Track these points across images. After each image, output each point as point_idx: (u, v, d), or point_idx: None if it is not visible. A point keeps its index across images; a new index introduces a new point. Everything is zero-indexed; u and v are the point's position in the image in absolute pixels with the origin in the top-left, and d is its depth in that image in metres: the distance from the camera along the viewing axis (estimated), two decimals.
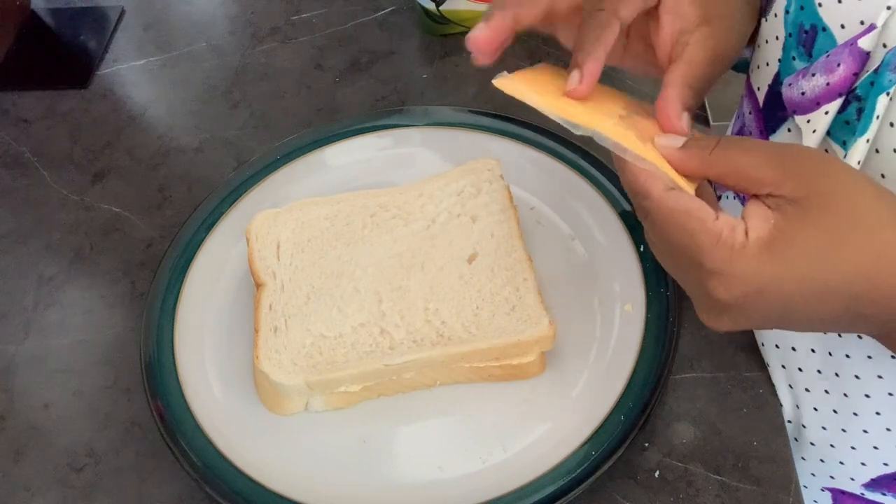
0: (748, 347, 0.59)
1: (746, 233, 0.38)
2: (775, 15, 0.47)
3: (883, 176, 0.43)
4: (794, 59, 0.46)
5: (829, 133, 0.45)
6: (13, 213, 0.74)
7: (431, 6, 0.82)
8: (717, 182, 0.41)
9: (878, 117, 0.41)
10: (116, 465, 0.58)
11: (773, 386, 0.58)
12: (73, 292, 0.68)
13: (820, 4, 0.43)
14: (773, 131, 0.51)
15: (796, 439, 0.59)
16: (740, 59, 0.62)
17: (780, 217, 0.38)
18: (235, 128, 0.79)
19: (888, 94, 0.40)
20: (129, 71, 0.85)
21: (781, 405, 0.58)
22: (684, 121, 0.44)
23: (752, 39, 0.55)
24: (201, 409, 0.57)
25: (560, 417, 0.55)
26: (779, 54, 0.48)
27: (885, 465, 0.55)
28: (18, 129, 0.81)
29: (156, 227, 0.71)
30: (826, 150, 0.46)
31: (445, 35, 0.85)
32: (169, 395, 0.57)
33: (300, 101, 0.81)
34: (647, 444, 0.56)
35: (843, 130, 0.44)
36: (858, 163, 0.42)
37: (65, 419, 0.61)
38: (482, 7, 0.82)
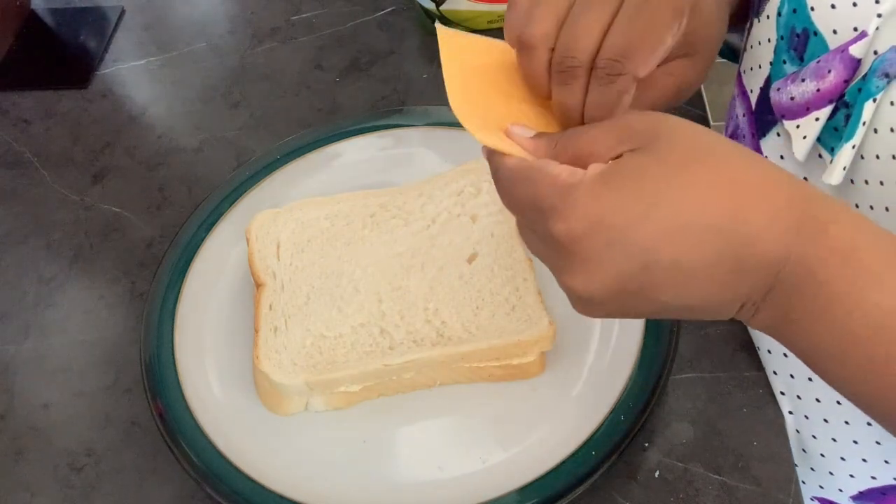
0: (748, 347, 0.59)
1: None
2: (768, 17, 0.47)
3: (866, 182, 0.43)
4: (784, 62, 0.46)
5: (818, 139, 0.45)
6: (13, 213, 0.74)
7: (431, 6, 0.82)
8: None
9: (864, 123, 0.41)
10: (116, 465, 0.58)
11: (773, 385, 0.58)
12: (73, 292, 0.68)
13: (812, 9, 0.43)
14: (764, 135, 0.51)
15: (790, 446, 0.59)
16: (725, 46, 0.62)
17: (620, 159, 0.36)
18: (235, 128, 0.79)
19: (875, 100, 0.40)
20: (129, 71, 0.85)
21: (790, 412, 0.57)
22: None
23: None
24: (201, 409, 0.57)
25: (560, 417, 0.55)
26: (770, 57, 0.48)
27: (873, 478, 0.55)
28: (18, 129, 0.81)
29: (156, 227, 0.71)
30: (819, 157, 0.46)
31: None
32: (169, 395, 0.57)
33: (300, 101, 0.81)
34: (647, 444, 0.56)
35: (832, 137, 0.44)
36: (844, 168, 0.42)
37: (65, 419, 0.61)
38: (482, 7, 0.82)
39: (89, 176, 0.76)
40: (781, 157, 0.50)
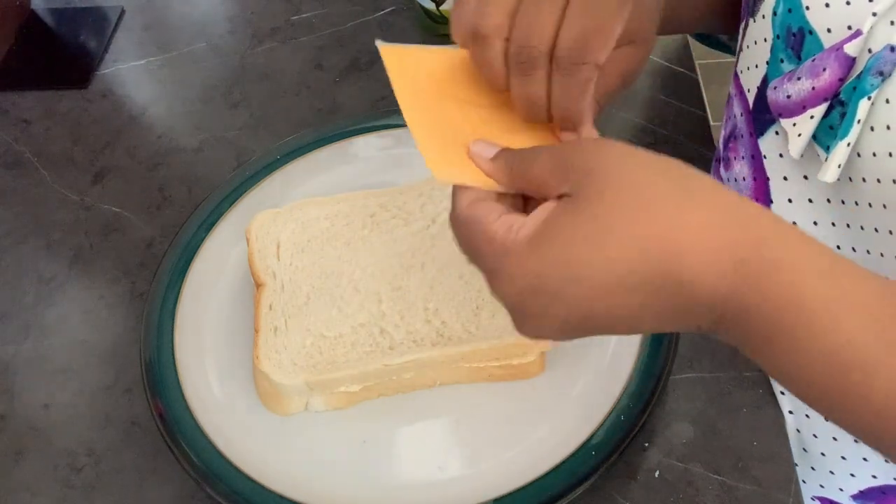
0: None
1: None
2: (763, 16, 0.47)
3: (864, 180, 0.43)
4: (781, 61, 0.46)
5: (814, 138, 0.45)
6: (13, 213, 0.74)
7: (431, 6, 0.82)
8: (527, 194, 0.40)
9: (859, 121, 0.41)
10: (116, 465, 0.58)
11: (773, 386, 0.58)
12: (73, 292, 0.68)
13: (807, 8, 0.43)
14: (762, 134, 0.51)
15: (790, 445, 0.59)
16: (714, 38, 0.62)
17: (551, 214, 0.36)
18: (235, 128, 0.79)
19: (870, 98, 0.40)
20: (129, 71, 0.85)
21: (790, 412, 0.58)
22: (594, 134, 0.42)
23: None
24: (201, 409, 0.57)
25: (560, 417, 0.55)
26: (767, 56, 0.48)
27: (874, 477, 0.55)
28: (18, 129, 0.81)
29: (156, 227, 0.71)
30: (817, 156, 0.46)
31: (445, 35, 0.85)
32: (169, 395, 0.57)
33: (300, 101, 0.81)
34: (647, 444, 0.56)
35: (827, 135, 0.44)
36: (839, 166, 0.42)
37: (65, 419, 0.61)
38: None
39: (89, 176, 0.76)
40: (780, 155, 0.50)
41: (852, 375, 0.33)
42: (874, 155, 0.42)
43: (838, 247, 0.48)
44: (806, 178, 0.49)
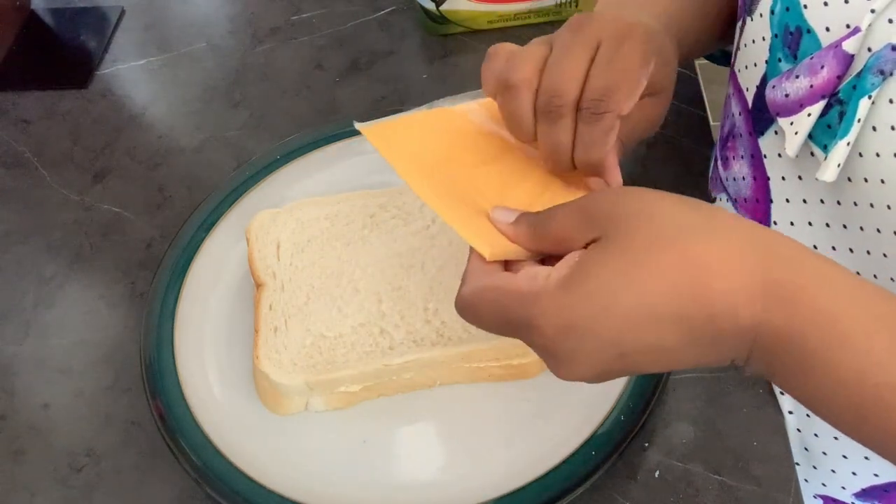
0: None
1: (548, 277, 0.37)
2: (760, 15, 0.47)
3: (866, 180, 0.43)
4: (780, 60, 0.46)
5: (811, 137, 0.45)
6: (13, 213, 0.74)
7: (431, 6, 0.82)
8: (551, 252, 0.40)
9: (859, 121, 0.41)
10: (116, 465, 0.58)
11: (773, 385, 0.58)
12: (73, 292, 0.68)
13: (805, 6, 0.43)
14: (762, 133, 0.51)
15: (791, 445, 0.59)
16: (719, 51, 0.62)
17: (582, 256, 0.37)
18: (235, 128, 0.79)
19: (870, 97, 0.40)
20: (129, 71, 0.85)
21: (790, 412, 0.57)
22: (618, 176, 0.45)
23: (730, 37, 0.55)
24: (201, 409, 0.57)
25: (560, 417, 0.55)
26: (765, 55, 0.48)
27: (876, 475, 0.55)
28: (18, 129, 0.81)
29: (156, 227, 0.71)
30: (812, 155, 0.46)
31: (445, 35, 0.85)
32: (169, 395, 0.57)
33: (300, 101, 0.81)
34: (647, 444, 0.56)
35: (825, 134, 0.44)
36: (838, 166, 0.42)
37: (65, 419, 0.61)
38: (482, 7, 0.82)
39: (89, 176, 0.76)
40: (779, 154, 0.50)
41: (884, 396, 0.34)
42: (878, 155, 0.41)
43: (833, 248, 0.48)
44: (800, 178, 0.49)
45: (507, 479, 0.53)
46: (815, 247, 0.49)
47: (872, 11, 0.39)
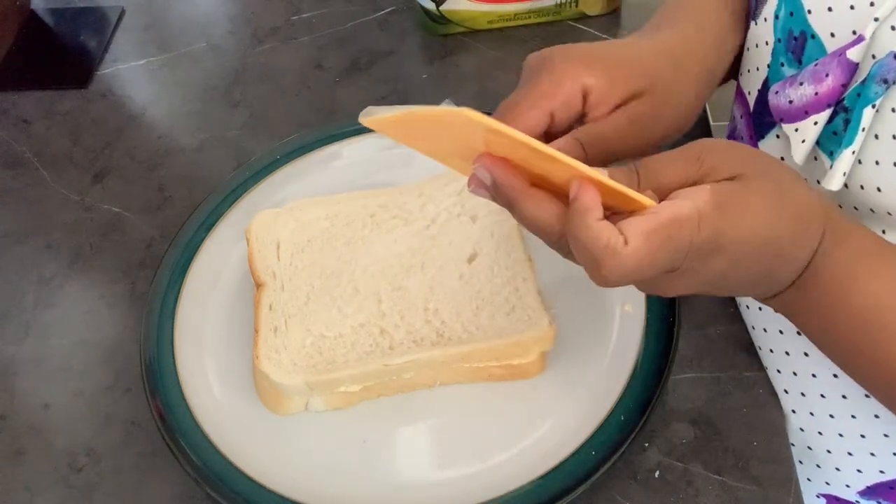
0: (748, 347, 0.59)
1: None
2: (765, 19, 0.47)
3: (862, 187, 0.43)
4: (782, 65, 0.46)
5: (818, 143, 0.45)
6: (13, 213, 0.74)
7: (431, 6, 0.82)
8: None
9: (863, 129, 0.40)
10: (116, 465, 0.58)
11: (773, 385, 0.58)
12: (73, 292, 0.68)
13: (809, 11, 0.43)
14: (762, 137, 0.51)
15: (793, 444, 0.59)
16: None
17: (721, 187, 0.38)
18: (235, 128, 0.79)
19: (874, 105, 0.40)
20: (129, 71, 0.85)
21: (793, 411, 0.57)
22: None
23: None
24: (201, 409, 0.57)
25: (560, 417, 0.55)
26: (768, 59, 0.48)
27: (882, 472, 0.55)
28: (18, 129, 0.81)
29: (156, 227, 0.71)
30: (815, 159, 0.46)
31: (445, 35, 0.85)
32: (169, 395, 0.57)
33: (300, 101, 0.81)
34: (647, 444, 0.56)
35: (831, 141, 0.44)
36: (844, 174, 0.42)
37: (65, 419, 0.61)
38: (482, 7, 0.82)
39: (89, 176, 0.76)
40: (782, 158, 0.50)
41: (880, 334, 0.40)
42: (877, 163, 0.41)
43: None
44: (806, 181, 0.49)
45: (506, 479, 0.53)
46: None
47: (876, 20, 0.39)
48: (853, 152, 0.41)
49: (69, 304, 0.67)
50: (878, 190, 0.42)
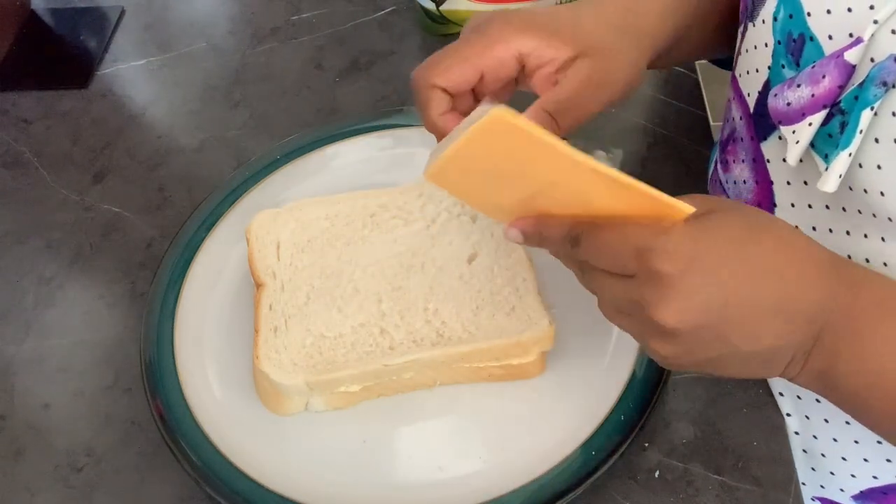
0: None
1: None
2: (763, 21, 0.47)
3: (865, 191, 0.43)
4: (783, 67, 0.46)
5: (812, 145, 0.44)
6: (13, 213, 0.74)
7: (431, 6, 0.82)
8: None
9: (861, 132, 0.40)
10: (116, 465, 0.58)
11: (772, 386, 0.58)
12: (73, 292, 0.68)
13: (809, 14, 0.43)
14: (765, 138, 0.50)
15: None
16: (724, 55, 0.62)
17: (706, 213, 0.40)
18: (235, 128, 0.79)
19: (872, 108, 0.40)
20: (129, 71, 0.85)
21: (788, 414, 0.57)
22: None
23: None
24: (201, 409, 0.57)
25: (560, 417, 0.55)
26: (768, 61, 0.47)
27: (875, 478, 0.55)
28: (18, 129, 0.81)
29: (156, 227, 0.71)
30: (808, 161, 0.46)
31: (445, 35, 0.85)
32: (169, 395, 0.57)
33: (300, 101, 0.81)
34: (647, 444, 0.56)
35: (826, 143, 0.44)
36: (840, 176, 0.42)
37: (65, 419, 0.61)
38: (482, 7, 0.82)
39: (89, 176, 0.76)
40: (784, 159, 0.50)
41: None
42: (879, 167, 0.41)
43: None
44: (806, 183, 0.49)
45: (506, 479, 0.53)
46: None
47: (875, 22, 0.39)
48: (850, 154, 0.41)
49: (69, 304, 0.67)
50: (882, 195, 0.42)
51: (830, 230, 0.48)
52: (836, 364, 0.41)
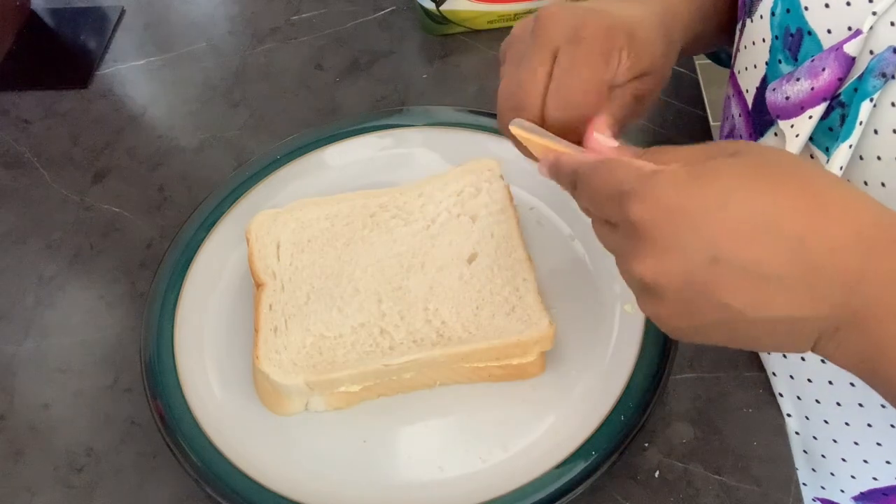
0: None
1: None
2: (761, 17, 0.47)
3: (866, 183, 0.43)
4: (780, 62, 0.46)
5: (812, 139, 0.45)
6: (13, 213, 0.74)
7: (431, 6, 0.82)
8: None
9: (861, 123, 0.40)
10: (116, 465, 0.58)
11: (772, 387, 0.58)
12: (73, 292, 0.68)
13: (806, 8, 0.43)
14: (762, 134, 0.51)
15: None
16: (722, 51, 0.62)
17: (713, 158, 0.37)
18: (235, 128, 0.79)
19: (872, 100, 0.40)
20: (129, 71, 0.85)
21: (788, 414, 0.57)
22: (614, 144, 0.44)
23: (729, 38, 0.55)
24: (201, 409, 0.57)
25: (560, 417, 0.55)
26: (766, 57, 0.48)
27: (875, 479, 0.55)
28: (18, 129, 0.81)
29: (156, 227, 0.71)
30: (811, 156, 0.46)
31: (445, 35, 0.85)
32: (169, 395, 0.57)
33: (300, 101, 0.81)
34: (647, 444, 0.56)
35: (826, 136, 0.44)
36: (841, 168, 0.42)
37: (65, 419, 0.61)
38: (482, 7, 0.82)
39: (89, 176, 0.76)
40: None
41: None
42: (879, 158, 0.41)
43: None
44: None
45: (506, 479, 0.53)
46: None
47: (874, 14, 0.39)
48: (850, 146, 0.41)
49: (69, 304, 0.67)
50: (883, 185, 0.42)
51: None
52: (884, 348, 0.34)
